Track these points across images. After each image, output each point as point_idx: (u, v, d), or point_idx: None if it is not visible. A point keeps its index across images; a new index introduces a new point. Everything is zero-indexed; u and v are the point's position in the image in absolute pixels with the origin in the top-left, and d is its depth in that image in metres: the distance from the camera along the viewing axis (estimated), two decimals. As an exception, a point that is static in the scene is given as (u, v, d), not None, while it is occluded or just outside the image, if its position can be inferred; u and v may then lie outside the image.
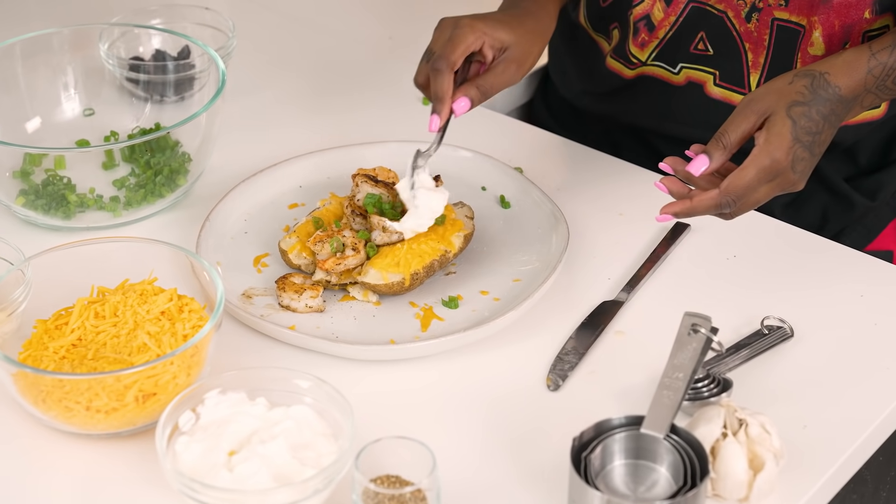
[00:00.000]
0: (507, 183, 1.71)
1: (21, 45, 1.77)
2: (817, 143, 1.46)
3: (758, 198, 1.45)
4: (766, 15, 1.67)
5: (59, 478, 1.37)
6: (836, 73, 1.49)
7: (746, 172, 1.43)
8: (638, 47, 1.77)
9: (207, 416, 1.34)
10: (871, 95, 1.52)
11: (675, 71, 1.76)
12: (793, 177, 1.45)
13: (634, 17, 1.75)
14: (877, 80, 1.51)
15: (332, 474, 1.28)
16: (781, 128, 1.44)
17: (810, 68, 1.49)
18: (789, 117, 1.44)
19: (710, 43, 1.73)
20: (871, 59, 1.51)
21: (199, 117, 1.67)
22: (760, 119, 1.45)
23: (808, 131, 1.45)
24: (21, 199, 1.67)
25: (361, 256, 1.56)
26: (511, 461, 1.38)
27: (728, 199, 1.44)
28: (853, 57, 1.51)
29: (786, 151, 1.43)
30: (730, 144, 1.45)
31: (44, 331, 1.45)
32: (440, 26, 1.59)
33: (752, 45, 1.70)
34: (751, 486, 1.32)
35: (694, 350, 1.35)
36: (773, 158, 1.43)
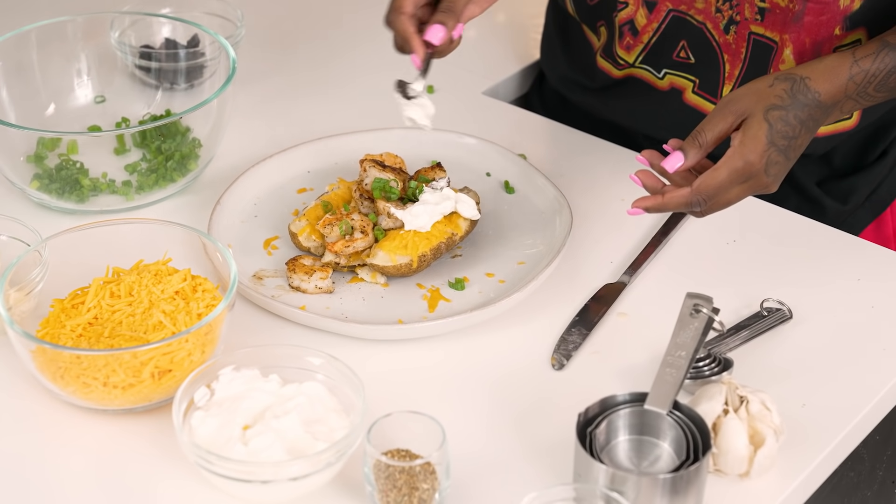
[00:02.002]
0: (511, 169, 1.75)
1: (36, 32, 1.80)
2: (793, 147, 1.46)
3: (729, 198, 1.46)
4: (743, 28, 1.67)
5: (77, 452, 1.41)
6: (817, 79, 1.48)
7: (719, 173, 1.44)
8: (624, 50, 1.77)
9: (222, 392, 1.37)
10: (852, 101, 1.52)
11: (659, 76, 1.77)
12: (766, 180, 1.45)
13: (619, 20, 1.75)
14: (858, 86, 1.51)
15: (345, 448, 1.32)
16: (757, 130, 1.44)
17: (791, 72, 1.49)
18: (766, 120, 1.44)
19: (691, 52, 1.73)
20: (854, 65, 1.50)
21: (209, 104, 1.70)
22: (738, 120, 1.45)
23: (784, 135, 1.45)
24: (35, 182, 1.70)
25: (370, 239, 1.59)
26: (517, 437, 1.42)
27: (699, 198, 1.45)
28: (835, 63, 1.50)
29: (760, 154, 1.44)
30: (706, 143, 1.45)
31: (61, 310, 1.48)
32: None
33: (731, 57, 1.70)
34: (751, 461, 1.36)
35: (696, 329, 1.38)
36: (746, 161, 1.44)
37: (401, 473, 1.28)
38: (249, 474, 1.30)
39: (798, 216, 1.71)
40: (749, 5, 1.66)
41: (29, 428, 1.43)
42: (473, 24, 2.09)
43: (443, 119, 1.86)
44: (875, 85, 1.52)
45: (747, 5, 1.66)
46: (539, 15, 2.09)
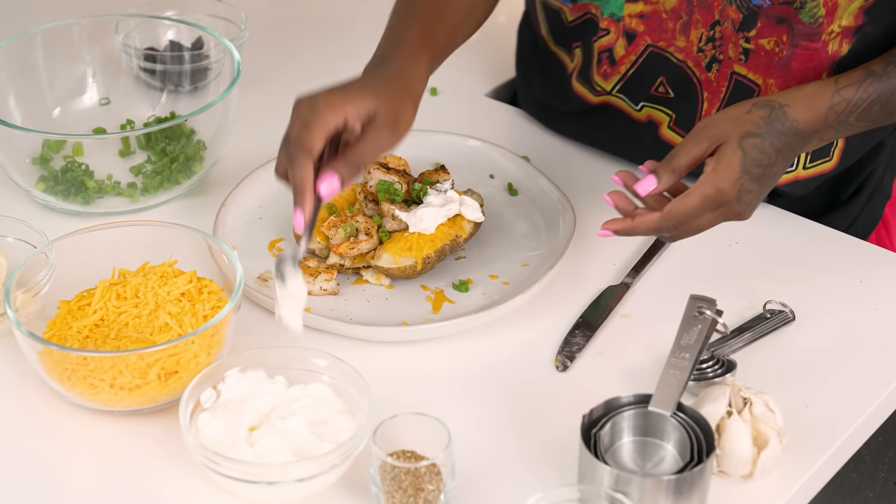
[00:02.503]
0: (514, 171, 1.75)
1: (42, 35, 1.81)
2: (767, 175, 1.44)
3: (700, 224, 1.44)
4: (725, 67, 1.64)
5: (84, 452, 1.41)
6: (796, 106, 1.46)
7: (690, 199, 1.42)
8: (601, 77, 1.73)
9: (228, 394, 1.38)
10: (832, 130, 1.49)
11: (637, 108, 1.74)
12: (738, 207, 1.44)
13: (599, 47, 1.71)
14: (839, 115, 1.48)
15: (350, 449, 1.32)
16: (731, 158, 1.42)
17: (770, 98, 1.46)
18: (741, 148, 1.42)
19: (670, 87, 1.70)
20: (835, 94, 1.48)
21: (214, 106, 1.71)
22: (713, 145, 1.43)
23: (758, 163, 1.43)
24: (41, 184, 1.70)
25: (374, 241, 1.60)
26: (521, 438, 1.42)
27: (669, 224, 1.43)
28: (816, 91, 1.48)
29: (732, 182, 1.42)
30: (679, 168, 1.44)
31: (67, 311, 1.49)
32: (297, 107, 1.47)
33: (710, 95, 1.67)
34: (755, 462, 1.36)
35: (700, 331, 1.39)
36: (718, 188, 1.42)
37: (406, 475, 1.29)
38: (256, 475, 1.31)
39: (801, 219, 1.72)
40: (733, 45, 1.62)
41: (36, 428, 1.44)
42: (476, 27, 2.09)
43: (446, 121, 1.87)
44: (857, 114, 1.49)
45: (731, 45, 1.62)
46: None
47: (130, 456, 1.41)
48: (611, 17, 1.68)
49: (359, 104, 1.46)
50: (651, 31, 1.66)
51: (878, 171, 1.81)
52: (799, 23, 1.56)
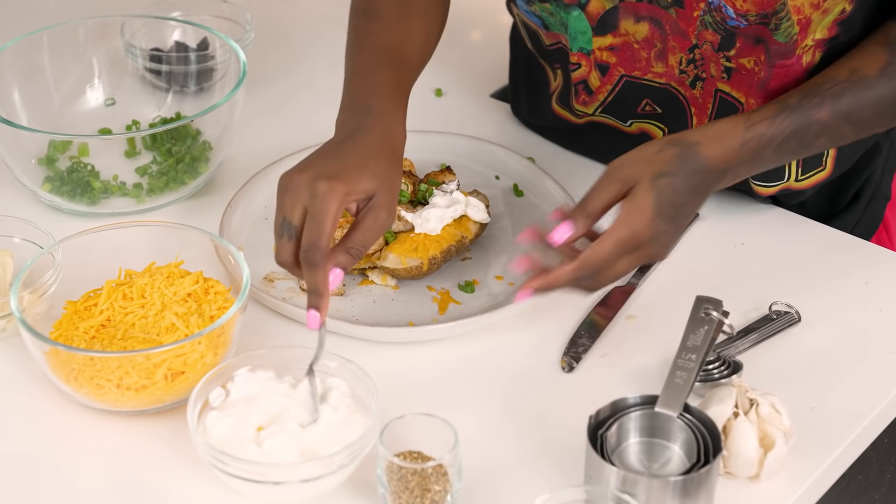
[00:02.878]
0: (520, 172, 1.76)
1: (48, 35, 1.81)
2: (681, 214, 1.42)
3: (618, 270, 1.41)
4: (709, 84, 1.63)
5: (90, 452, 1.42)
6: (708, 144, 1.43)
7: (604, 245, 1.39)
8: (581, 105, 1.72)
9: (237, 393, 1.38)
10: (746, 167, 1.46)
11: (626, 124, 1.72)
12: (653, 249, 1.41)
13: (573, 79, 1.70)
14: (752, 152, 1.45)
15: (358, 450, 1.32)
16: (644, 200, 1.39)
17: (682, 137, 1.43)
18: (654, 189, 1.39)
19: (656, 105, 1.68)
20: (748, 130, 1.45)
21: (219, 107, 1.71)
22: (625, 188, 1.40)
23: (671, 203, 1.40)
24: (47, 185, 1.71)
25: (380, 241, 1.60)
26: (528, 439, 1.42)
27: (585, 273, 1.40)
28: (728, 127, 1.45)
29: (646, 225, 1.39)
30: (594, 212, 1.41)
31: (73, 312, 1.49)
32: (289, 189, 1.39)
33: (698, 110, 1.66)
34: (761, 463, 1.36)
35: (706, 332, 1.39)
36: (632, 232, 1.39)
37: (413, 475, 1.29)
38: (262, 475, 1.31)
39: (807, 220, 1.72)
40: (715, 64, 1.61)
41: (42, 428, 1.44)
42: (478, 27, 2.10)
43: (451, 122, 1.88)
44: (772, 150, 1.47)
45: (713, 64, 1.61)
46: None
47: (137, 456, 1.41)
48: (580, 52, 1.67)
49: (360, 188, 1.40)
50: (623, 62, 1.65)
51: (876, 175, 1.81)
52: (774, 43, 1.56)
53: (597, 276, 1.41)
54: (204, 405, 1.37)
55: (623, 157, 1.43)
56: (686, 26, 1.58)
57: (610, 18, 1.62)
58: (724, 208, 1.72)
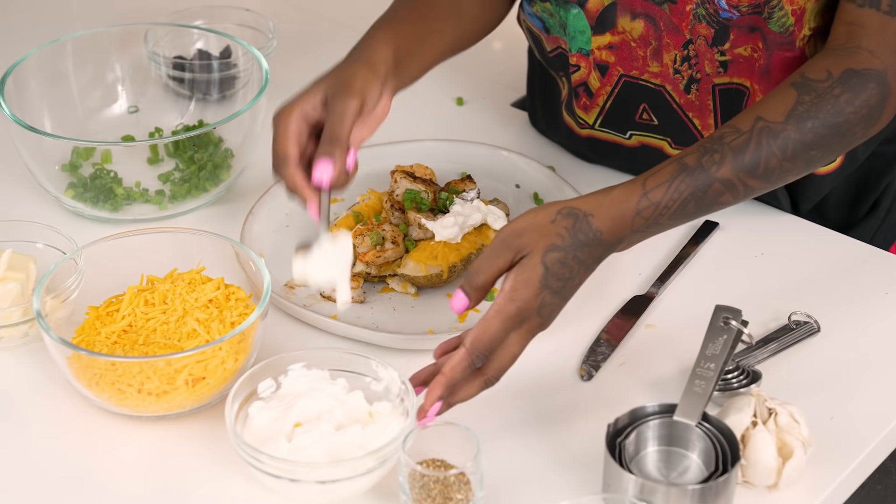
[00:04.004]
0: (540, 181, 1.76)
1: (72, 43, 1.82)
2: (568, 287, 1.39)
3: (512, 351, 1.37)
4: (705, 84, 1.63)
5: (111, 458, 1.42)
6: (600, 216, 1.39)
7: (491, 323, 1.36)
8: (582, 110, 1.73)
9: (287, 387, 1.40)
10: (640, 235, 1.42)
11: (626, 137, 1.73)
12: (538, 320, 1.38)
13: (573, 82, 1.71)
14: (647, 220, 1.40)
15: (383, 457, 1.33)
16: (531, 274, 1.36)
17: (575, 207, 1.39)
18: (542, 264, 1.36)
19: (653, 114, 1.68)
20: (642, 198, 1.40)
21: (242, 115, 1.72)
22: (517, 256, 1.37)
23: (559, 277, 1.37)
24: (70, 191, 1.72)
25: (400, 249, 1.61)
26: (547, 447, 1.43)
27: (477, 354, 1.36)
28: (622, 197, 1.40)
29: (532, 298, 1.36)
30: (486, 283, 1.38)
31: (96, 317, 1.50)
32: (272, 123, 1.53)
33: (697, 113, 1.65)
34: (780, 473, 1.37)
35: (725, 341, 1.40)
36: (517, 307, 1.36)
37: (435, 483, 1.30)
38: (282, 471, 1.32)
39: (826, 230, 1.72)
40: (709, 62, 1.61)
41: (64, 433, 1.45)
42: (500, 37, 2.10)
43: (472, 131, 1.88)
44: (669, 215, 1.42)
45: (707, 62, 1.61)
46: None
47: (159, 461, 1.42)
48: (579, 53, 1.68)
49: (309, 95, 1.51)
50: (622, 61, 1.65)
51: (895, 184, 1.81)
52: (770, 32, 1.56)
53: (491, 357, 1.37)
54: (252, 394, 1.40)
55: (515, 223, 1.39)
56: (679, 21, 1.59)
57: (608, 16, 1.63)
58: (744, 218, 1.72)
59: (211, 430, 1.44)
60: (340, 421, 1.37)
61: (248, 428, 1.37)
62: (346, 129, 1.48)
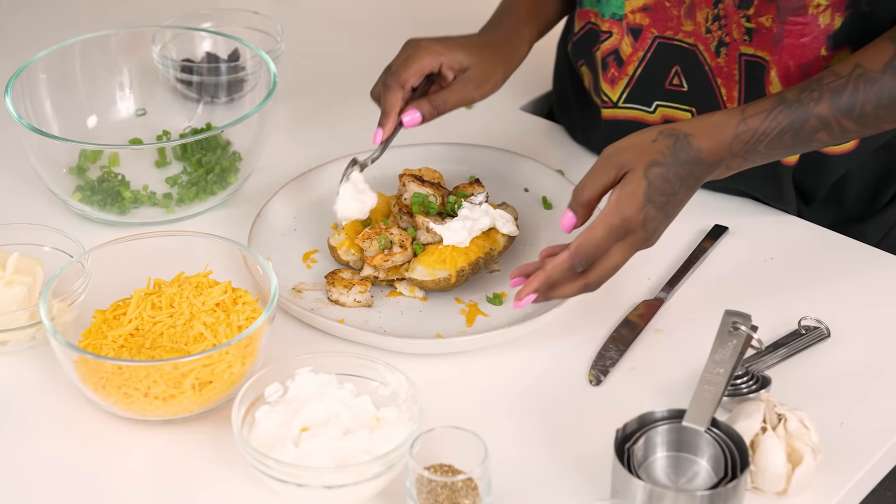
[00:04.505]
0: (549, 184, 1.75)
1: (80, 46, 1.82)
2: (671, 203, 1.44)
3: (615, 260, 1.44)
4: (733, 50, 1.65)
5: (118, 462, 1.42)
6: (701, 136, 1.45)
7: (596, 231, 1.42)
8: (608, 83, 1.75)
9: (294, 391, 1.39)
10: (739, 159, 1.48)
11: (650, 110, 1.75)
12: (643, 234, 1.44)
13: (602, 52, 1.73)
14: (745, 144, 1.47)
15: (389, 463, 1.32)
16: (635, 187, 1.42)
17: (676, 127, 1.46)
18: (645, 177, 1.42)
19: (684, 78, 1.71)
20: (741, 123, 1.47)
21: (250, 118, 1.71)
22: (620, 173, 1.44)
23: (662, 192, 1.43)
24: (77, 194, 1.71)
25: (408, 253, 1.60)
26: (555, 452, 1.42)
27: (579, 259, 1.42)
28: (722, 120, 1.47)
29: (636, 211, 1.42)
30: (591, 199, 1.45)
31: (102, 320, 1.49)
32: (404, 46, 1.66)
33: (724, 80, 1.68)
34: (789, 479, 1.36)
35: (734, 346, 1.39)
36: (622, 217, 1.42)
37: (443, 488, 1.29)
38: (288, 475, 1.31)
39: (836, 234, 1.71)
40: (737, 26, 1.63)
41: (71, 436, 1.44)
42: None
43: (481, 135, 1.88)
44: (766, 143, 1.48)
45: (735, 26, 1.64)
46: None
47: (165, 465, 1.42)
48: (612, 18, 1.72)
49: (455, 56, 1.64)
50: (657, 22, 1.69)
51: None
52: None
53: (594, 265, 1.44)
54: (258, 398, 1.39)
55: (618, 143, 1.46)
56: None
57: None
58: (754, 222, 1.72)
59: (217, 435, 1.43)
60: (347, 425, 1.36)
61: (254, 432, 1.36)
62: (453, 107, 1.65)
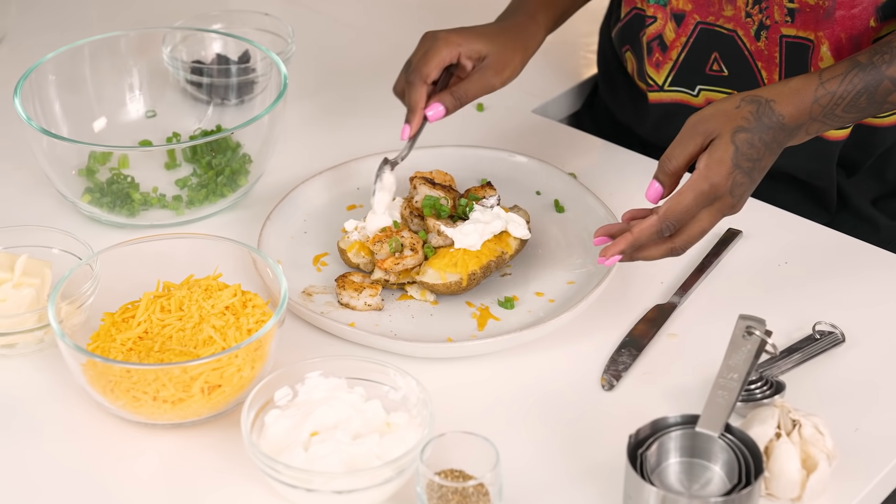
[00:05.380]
0: (561, 188, 1.74)
1: (89, 47, 1.82)
2: (757, 168, 1.47)
3: (702, 225, 1.46)
4: (773, 32, 1.69)
5: (127, 466, 1.41)
6: (782, 101, 1.48)
7: (684, 196, 1.45)
8: (653, 67, 1.80)
9: (304, 395, 1.38)
10: (818, 123, 1.51)
11: (694, 93, 1.79)
12: (731, 200, 1.46)
13: (647, 37, 1.78)
14: (824, 108, 1.50)
15: (400, 468, 1.31)
16: (723, 153, 1.45)
17: (757, 94, 1.49)
18: (733, 143, 1.45)
19: (724, 63, 1.75)
20: (819, 87, 1.50)
21: (260, 120, 1.70)
22: (706, 141, 1.46)
23: (748, 157, 1.46)
24: (87, 196, 1.70)
25: (419, 256, 1.59)
26: (567, 457, 1.41)
27: (667, 224, 1.45)
28: (801, 85, 1.50)
29: (725, 177, 1.45)
30: (678, 167, 1.47)
31: (111, 323, 1.48)
32: (422, 39, 1.67)
33: (765, 64, 1.72)
34: (804, 485, 1.35)
35: (748, 352, 1.38)
36: (711, 183, 1.44)
37: (453, 494, 1.28)
38: (297, 480, 1.31)
39: (851, 238, 1.70)
40: (778, 7, 1.67)
41: (79, 439, 1.44)
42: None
43: (493, 137, 1.87)
44: (843, 107, 1.51)
45: (776, 7, 1.67)
46: (590, 34, 2.10)
47: (174, 469, 1.41)
48: (657, 4, 1.75)
49: (472, 45, 1.66)
50: (699, 8, 1.73)
51: None
52: None
53: (680, 230, 1.46)
54: (268, 402, 1.38)
55: (703, 111, 1.48)
56: None
57: None
58: (768, 227, 1.70)
59: (227, 439, 1.42)
60: (358, 430, 1.35)
61: (264, 436, 1.35)
62: (474, 97, 1.66)
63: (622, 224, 1.50)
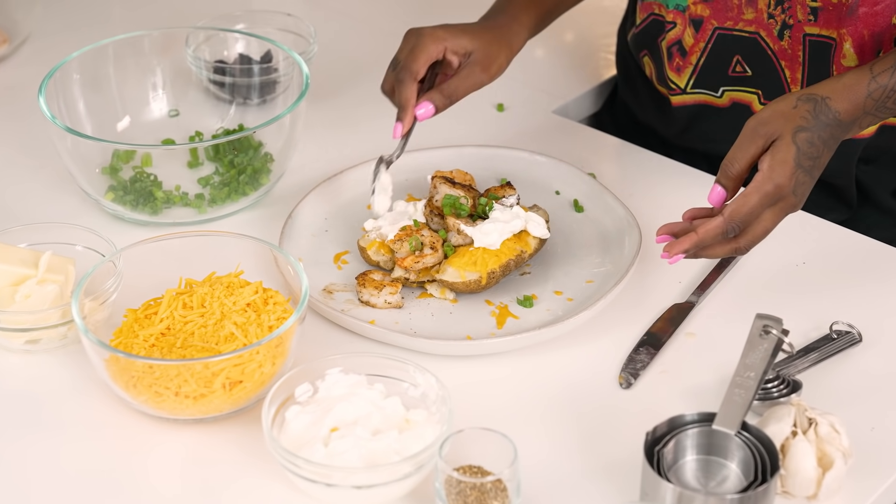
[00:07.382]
0: (580, 188, 1.75)
1: (113, 47, 1.83)
2: (817, 166, 1.48)
3: (766, 226, 1.48)
4: (797, 31, 1.70)
5: (149, 460, 1.43)
6: (837, 98, 1.50)
7: (750, 198, 1.46)
8: (675, 72, 1.81)
9: (324, 392, 1.39)
10: (870, 117, 1.53)
11: (717, 95, 1.80)
12: (794, 199, 1.48)
13: (668, 42, 1.79)
14: (876, 102, 1.52)
15: (419, 463, 1.32)
16: (786, 154, 1.46)
17: (812, 92, 1.50)
18: (794, 143, 1.46)
19: (747, 65, 1.76)
20: (872, 81, 1.52)
21: (282, 119, 1.72)
22: (767, 142, 1.47)
23: (809, 156, 1.47)
24: (110, 194, 1.72)
25: (439, 255, 1.60)
26: (585, 454, 1.42)
27: (733, 225, 1.46)
28: (854, 80, 1.52)
29: (788, 177, 1.46)
30: (740, 171, 1.48)
31: (134, 320, 1.50)
32: (406, 36, 1.67)
33: (788, 63, 1.73)
34: (819, 483, 1.35)
35: (765, 350, 1.38)
36: (776, 184, 1.46)
37: (472, 490, 1.29)
38: (317, 475, 1.32)
39: (869, 239, 1.70)
40: (801, 7, 1.68)
41: (102, 436, 1.45)
42: (542, 44, 2.10)
43: (513, 137, 1.88)
44: (895, 99, 1.53)
45: (799, 7, 1.68)
46: (609, 35, 2.10)
47: (196, 464, 1.42)
48: (676, 9, 1.76)
49: (458, 41, 1.66)
50: (717, 14, 1.74)
51: None
52: None
53: (746, 232, 1.47)
54: (288, 398, 1.39)
55: (760, 113, 1.49)
56: None
57: None
58: (785, 226, 1.70)
59: (247, 434, 1.44)
60: (377, 426, 1.37)
61: (284, 432, 1.36)
62: (463, 95, 1.65)
63: (684, 223, 1.50)
